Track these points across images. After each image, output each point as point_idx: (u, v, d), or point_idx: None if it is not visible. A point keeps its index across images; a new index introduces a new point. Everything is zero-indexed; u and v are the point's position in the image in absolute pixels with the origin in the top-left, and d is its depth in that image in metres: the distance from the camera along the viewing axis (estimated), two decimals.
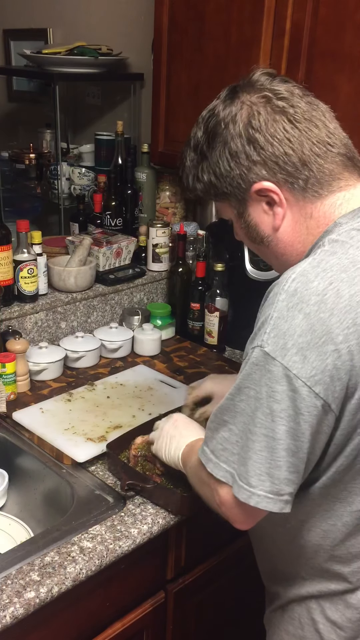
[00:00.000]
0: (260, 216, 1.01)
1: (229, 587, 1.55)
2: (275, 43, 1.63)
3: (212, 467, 0.95)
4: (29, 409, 1.57)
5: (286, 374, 0.85)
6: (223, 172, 0.99)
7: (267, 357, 0.86)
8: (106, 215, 2.16)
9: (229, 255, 1.93)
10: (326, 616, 1.07)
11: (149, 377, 1.76)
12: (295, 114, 0.95)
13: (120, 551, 1.19)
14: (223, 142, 0.97)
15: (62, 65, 2.37)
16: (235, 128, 0.96)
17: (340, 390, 0.86)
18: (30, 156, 2.74)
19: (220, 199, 1.04)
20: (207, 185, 1.02)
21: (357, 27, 1.48)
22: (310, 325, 0.85)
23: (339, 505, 0.98)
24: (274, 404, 0.86)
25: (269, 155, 0.95)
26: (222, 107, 0.98)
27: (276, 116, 0.94)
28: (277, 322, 0.86)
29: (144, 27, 2.31)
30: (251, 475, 0.89)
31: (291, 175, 0.95)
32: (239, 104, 0.97)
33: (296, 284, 0.88)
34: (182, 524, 1.32)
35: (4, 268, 1.73)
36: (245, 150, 0.96)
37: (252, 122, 0.95)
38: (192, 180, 1.05)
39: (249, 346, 0.91)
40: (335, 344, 0.84)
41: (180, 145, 2.02)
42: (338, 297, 0.86)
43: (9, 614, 1.04)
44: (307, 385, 0.84)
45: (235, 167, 0.97)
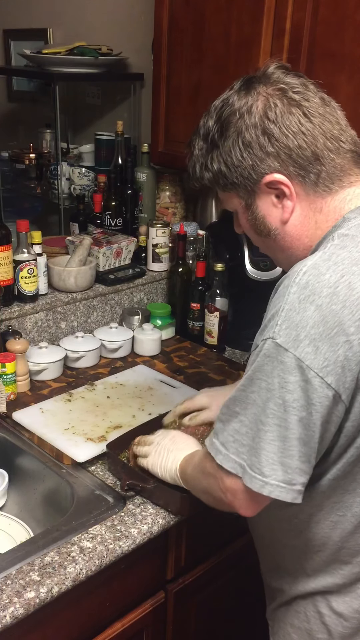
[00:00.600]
0: (269, 209, 1.01)
1: (229, 587, 1.55)
2: (275, 43, 1.63)
3: (221, 459, 0.95)
4: (29, 409, 1.57)
5: (299, 365, 0.86)
6: (235, 162, 0.98)
7: (280, 349, 0.87)
8: (106, 215, 2.16)
9: (229, 255, 1.93)
10: (332, 608, 1.07)
11: (149, 377, 1.76)
12: (310, 108, 0.95)
13: (120, 551, 1.19)
14: (237, 131, 0.97)
15: (62, 65, 2.37)
16: (251, 118, 0.96)
17: (351, 381, 0.87)
18: (30, 156, 2.73)
19: (229, 189, 1.03)
20: (217, 174, 1.02)
21: (357, 27, 1.48)
22: (323, 317, 0.85)
23: (348, 497, 0.98)
24: (286, 395, 0.87)
25: (283, 147, 0.95)
26: (236, 97, 0.98)
27: (292, 109, 0.95)
28: (288, 314, 0.87)
29: (144, 27, 2.31)
30: (264, 465, 0.90)
31: (303, 169, 0.96)
32: (255, 94, 0.97)
33: (308, 277, 0.88)
34: (182, 524, 1.32)
35: (4, 268, 1.73)
36: (259, 141, 0.96)
37: (268, 113, 0.95)
38: (199, 169, 1.04)
39: (259, 338, 0.91)
40: (347, 335, 0.85)
41: (181, 145, 2.02)
42: (350, 290, 0.86)
43: (9, 614, 1.04)
44: (319, 376, 0.85)
45: (247, 157, 0.97)
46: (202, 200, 2.23)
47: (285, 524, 1.07)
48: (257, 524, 1.18)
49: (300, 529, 1.04)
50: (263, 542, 1.19)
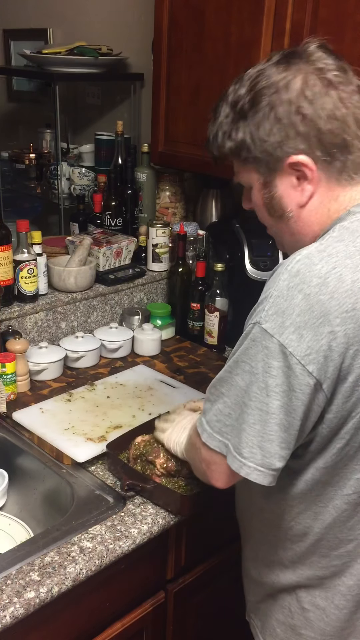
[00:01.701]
0: (287, 190, 0.98)
1: (229, 587, 1.55)
2: (275, 43, 1.63)
3: (206, 437, 0.97)
4: (29, 409, 1.57)
5: (282, 351, 0.86)
6: (262, 136, 0.95)
7: (265, 334, 0.88)
8: (106, 215, 2.15)
9: (229, 255, 1.93)
10: (315, 604, 1.08)
11: (149, 377, 1.76)
12: (345, 93, 0.92)
13: (120, 551, 1.19)
14: (270, 105, 0.93)
15: (62, 65, 2.37)
16: (287, 94, 0.92)
17: (332, 372, 0.87)
18: (30, 156, 2.74)
19: (249, 162, 0.99)
20: (240, 145, 0.98)
21: (357, 27, 1.48)
22: (309, 306, 0.86)
23: (330, 490, 1.00)
24: (269, 379, 0.88)
25: (314, 129, 0.92)
26: (275, 69, 0.94)
27: (330, 91, 0.92)
28: (276, 301, 0.88)
29: (144, 27, 2.31)
30: (243, 446, 0.91)
31: (330, 155, 0.93)
32: (294, 70, 0.93)
33: (299, 265, 0.89)
34: (182, 524, 1.32)
35: (4, 268, 1.73)
36: (291, 119, 0.92)
37: (305, 92, 0.92)
38: (222, 137, 1.00)
39: (248, 321, 0.92)
40: (332, 325, 0.86)
41: (181, 145, 2.03)
42: (340, 282, 0.87)
43: (9, 614, 1.04)
44: (300, 364, 0.86)
45: (276, 133, 0.93)
46: (202, 200, 2.23)
47: (267, 514, 1.08)
48: (242, 512, 1.20)
49: (283, 518, 1.06)
50: (246, 531, 1.20)
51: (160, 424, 1.32)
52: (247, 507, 1.16)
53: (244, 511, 1.19)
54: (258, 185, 1.01)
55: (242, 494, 1.18)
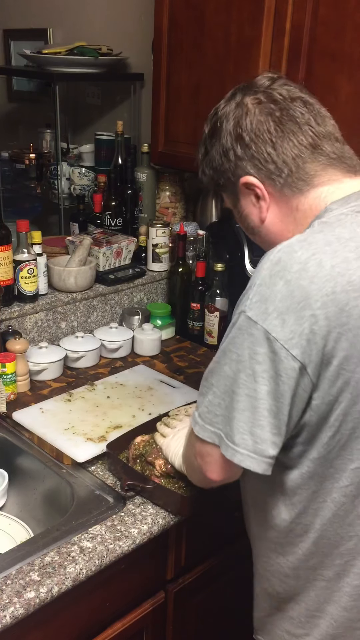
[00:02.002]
0: (250, 208, 1.08)
1: (229, 587, 1.55)
2: (275, 43, 1.63)
3: (198, 430, 0.98)
4: (29, 409, 1.57)
5: (267, 337, 0.89)
6: (217, 166, 1.08)
7: (250, 321, 0.90)
8: (106, 215, 2.16)
9: (229, 255, 1.93)
10: (323, 610, 1.08)
11: (149, 377, 1.76)
12: (281, 117, 1.01)
13: (120, 551, 1.19)
14: (218, 137, 1.06)
15: (62, 65, 2.37)
16: (227, 126, 1.04)
17: (316, 355, 0.89)
18: (30, 156, 2.73)
19: (219, 189, 1.13)
20: (209, 177, 1.12)
21: (357, 27, 1.48)
22: (290, 291, 0.89)
23: (327, 484, 1.00)
24: (255, 365, 0.90)
25: (253, 153, 1.02)
26: (223, 105, 1.07)
27: (262, 117, 1.01)
28: (259, 289, 0.91)
29: (144, 27, 2.31)
30: (235, 433, 0.93)
31: (272, 173, 1.02)
32: (233, 104, 1.05)
33: (280, 254, 0.92)
34: (182, 524, 1.32)
35: (4, 268, 1.73)
36: (233, 147, 1.04)
37: (240, 122, 1.03)
38: (200, 173, 1.14)
39: (235, 311, 0.95)
40: (313, 309, 0.88)
41: (181, 145, 2.04)
42: (319, 267, 0.89)
43: (9, 614, 1.04)
44: (284, 348, 0.88)
45: (225, 161, 1.06)
46: (202, 200, 2.23)
47: (269, 514, 1.08)
48: (250, 525, 1.19)
49: (283, 517, 1.05)
50: (256, 543, 1.19)
51: (161, 427, 1.33)
52: (254, 516, 1.14)
53: (252, 524, 1.18)
54: (232, 207, 1.14)
55: (249, 505, 1.17)
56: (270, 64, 1.64)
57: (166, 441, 1.29)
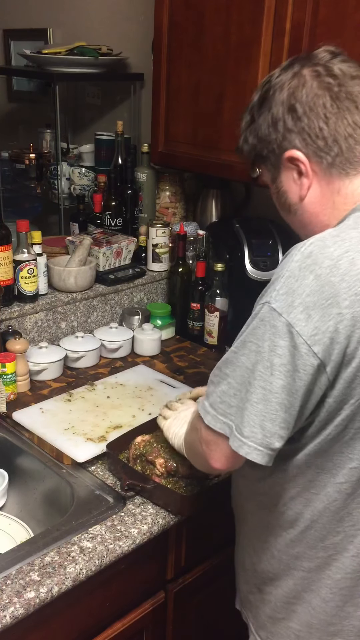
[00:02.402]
0: (290, 184, 1.04)
1: (229, 587, 1.55)
2: (275, 43, 1.63)
3: (209, 420, 0.97)
4: (29, 409, 1.57)
5: (289, 330, 0.88)
6: (263, 136, 1.03)
7: (274, 313, 0.89)
8: (106, 215, 2.15)
9: (229, 255, 1.93)
10: (301, 597, 1.09)
11: (149, 377, 1.76)
12: (339, 92, 0.97)
13: (120, 551, 1.19)
14: (269, 107, 1.01)
15: (62, 65, 2.37)
16: (281, 95, 1.00)
17: (337, 354, 0.88)
18: (30, 156, 2.73)
19: (260, 161, 1.08)
20: (251, 146, 1.07)
21: (357, 27, 1.47)
22: (320, 287, 0.87)
23: (323, 476, 1.00)
24: (274, 358, 0.89)
25: (304, 127, 0.98)
26: (277, 74, 1.03)
27: (320, 91, 0.97)
28: (287, 281, 0.89)
29: (144, 27, 2.31)
30: (245, 425, 0.92)
31: (321, 150, 0.98)
32: (291, 73, 1.00)
33: (312, 247, 0.91)
34: (182, 524, 1.32)
35: (4, 268, 1.73)
36: (284, 118, 0.99)
37: (295, 93, 0.98)
38: (242, 141, 1.09)
39: (258, 302, 0.94)
40: (340, 307, 0.87)
41: (181, 145, 2.03)
42: (352, 265, 0.88)
43: (9, 614, 1.04)
44: (307, 344, 0.87)
45: (273, 131, 1.01)
46: (202, 200, 2.23)
47: (261, 497, 1.09)
48: (237, 497, 1.21)
49: (275, 502, 1.06)
50: (240, 517, 1.21)
51: (164, 410, 1.33)
52: (241, 491, 1.17)
53: (238, 496, 1.20)
54: (270, 183, 1.09)
55: (237, 478, 1.18)
56: (270, 64, 1.64)
57: (167, 422, 1.28)
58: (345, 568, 1.05)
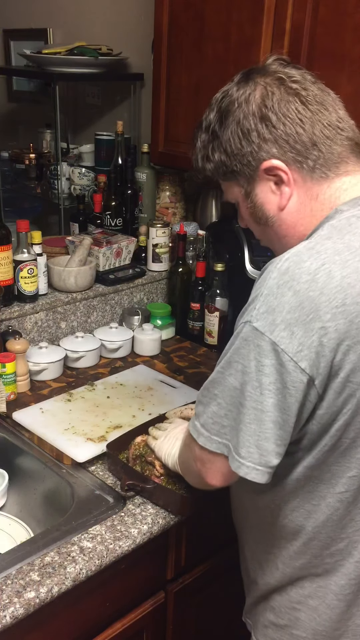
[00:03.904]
0: (267, 195, 1.02)
1: (229, 587, 1.55)
2: (275, 43, 1.63)
3: (204, 441, 0.97)
4: (29, 409, 1.57)
5: (274, 349, 0.87)
6: (234, 150, 1.00)
7: (256, 332, 0.88)
8: (106, 215, 2.16)
9: (229, 255, 1.93)
10: (306, 604, 1.09)
11: (149, 377, 1.76)
12: (307, 96, 0.97)
13: (120, 551, 1.19)
14: (236, 120, 0.99)
15: (62, 65, 2.37)
16: (249, 107, 0.98)
17: (324, 367, 0.88)
18: (30, 156, 2.74)
19: (229, 177, 1.05)
20: (217, 164, 1.04)
21: (357, 27, 1.48)
22: (299, 303, 0.87)
23: (322, 487, 1.00)
24: (262, 377, 0.88)
25: (281, 134, 0.97)
26: (236, 88, 1.01)
27: (289, 97, 0.97)
28: (267, 299, 0.89)
29: (144, 27, 2.31)
30: (241, 446, 0.92)
31: (300, 155, 0.97)
32: (253, 84, 0.99)
33: (289, 263, 0.90)
34: (182, 524, 1.32)
35: (4, 268, 1.73)
36: (257, 129, 0.98)
37: (265, 101, 0.97)
38: (201, 161, 1.06)
39: (239, 320, 0.93)
40: (323, 321, 0.86)
41: (181, 145, 2.03)
42: (329, 278, 0.87)
43: (9, 614, 1.04)
44: (293, 360, 0.87)
45: (246, 144, 0.99)
46: (202, 200, 2.23)
47: (262, 510, 1.09)
48: (237, 511, 1.20)
49: (276, 515, 1.06)
50: (242, 531, 1.21)
51: (153, 431, 1.33)
52: (242, 505, 1.17)
53: (239, 511, 1.20)
54: (241, 198, 1.06)
55: (236, 492, 1.18)
56: None
57: (158, 443, 1.28)
58: (350, 574, 1.05)
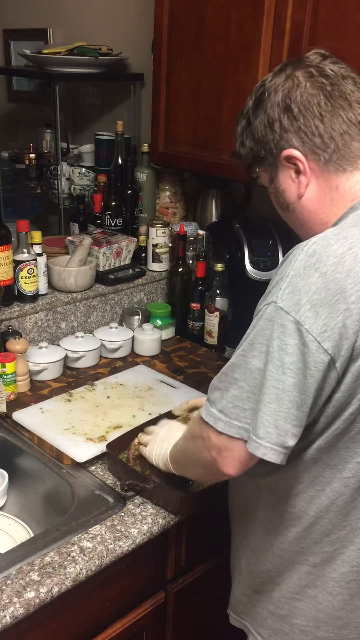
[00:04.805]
0: (288, 183, 1.06)
1: (229, 587, 1.55)
2: (275, 43, 1.63)
3: (222, 426, 0.96)
4: (29, 409, 1.57)
5: (298, 328, 0.88)
6: (260, 137, 1.06)
7: (281, 312, 0.89)
8: (106, 215, 2.15)
9: (229, 255, 1.93)
10: (305, 593, 1.09)
11: (149, 377, 1.76)
12: (332, 92, 1.00)
13: (120, 551, 1.19)
14: (264, 109, 1.04)
15: (62, 65, 2.37)
16: (276, 97, 1.03)
17: (346, 349, 0.89)
18: (30, 156, 2.73)
19: (258, 163, 1.10)
20: (248, 149, 1.09)
21: (357, 27, 1.48)
22: (326, 284, 0.88)
23: (328, 472, 1.00)
24: (285, 357, 0.89)
25: (300, 126, 1.01)
26: (270, 78, 1.06)
27: (313, 91, 1.00)
28: (293, 280, 0.90)
29: (144, 27, 2.31)
30: (259, 427, 0.92)
31: (318, 147, 1.01)
32: (284, 76, 1.03)
33: (316, 246, 0.92)
34: (182, 524, 1.32)
35: (4, 268, 1.73)
36: (280, 118, 1.02)
37: (290, 94, 1.01)
38: (239, 145, 1.12)
39: (262, 303, 0.94)
40: (348, 303, 0.88)
41: (181, 145, 2.04)
42: (356, 261, 0.89)
43: (9, 614, 1.04)
44: (316, 340, 0.88)
45: (269, 133, 1.04)
46: (202, 200, 2.23)
47: (264, 494, 1.09)
48: (237, 494, 1.20)
49: (279, 499, 1.06)
50: (238, 518, 1.20)
51: (141, 437, 1.32)
52: (240, 493, 1.16)
53: (236, 499, 1.19)
54: (267, 183, 1.11)
55: (236, 480, 1.16)
56: (270, 64, 1.64)
57: (148, 449, 1.27)
58: (352, 561, 1.05)
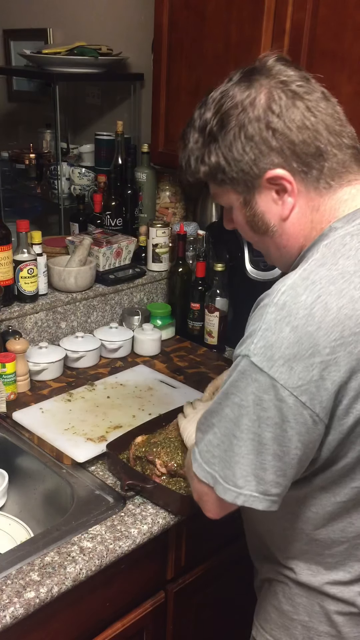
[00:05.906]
0: (269, 205, 0.98)
1: (229, 587, 1.55)
2: (275, 43, 1.63)
3: (196, 467, 0.97)
4: (29, 409, 1.57)
5: (273, 384, 0.86)
6: (235, 156, 0.95)
7: (254, 367, 0.87)
8: (106, 215, 2.16)
9: (229, 255, 1.93)
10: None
11: (149, 377, 1.76)
12: (312, 102, 0.93)
13: (120, 551, 1.19)
14: (239, 125, 0.94)
15: (62, 65, 2.37)
16: (254, 111, 0.93)
17: (327, 400, 0.87)
18: (30, 156, 2.74)
19: (226, 184, 0.99)
20: (214, 168, 0.98)
21: (357, 27, 1.48)
22: (298, 338, 0.85)
23: (324, 495, 1.00)
24: (260, 412, 0.88)
25: (286, 142, 0.93)
26: (237, 89, 0.96)
27: (296, 102, 0.93)
28: (264, 334, 0.87)
29: (144, 27, 2.31)
30: (238, 477, 0.91)
31: (306, 165, 0.93)
32: (257, 87, 0.94)
33: (285, 297, 0.88)
34: (182, 524, 1.32)
35: (4, 268, 1.73)
36: (262, 135, 0.93)
37: (272, 106, 0.92)
38: (194, 162, 1.00)
39: (238, 350, 0.92)
40: (322, 355, 0.85)
41: None
42: (326, 311, 0.86)
43: (9, 614, 1.04)
44: (293, 395, 0.86)
45: (250, 151, 0.94)
46: (202, 200, 2.23)
47: (266, 513, 1.08)
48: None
49: (278, 516, 1.04)
50: (250, 522, 1.20)
51: (186, 408, 1.32)
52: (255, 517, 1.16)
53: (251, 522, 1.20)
54: (238, 205, 1.01)
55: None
56: None
57: (184, 423, 1.28)
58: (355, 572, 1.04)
